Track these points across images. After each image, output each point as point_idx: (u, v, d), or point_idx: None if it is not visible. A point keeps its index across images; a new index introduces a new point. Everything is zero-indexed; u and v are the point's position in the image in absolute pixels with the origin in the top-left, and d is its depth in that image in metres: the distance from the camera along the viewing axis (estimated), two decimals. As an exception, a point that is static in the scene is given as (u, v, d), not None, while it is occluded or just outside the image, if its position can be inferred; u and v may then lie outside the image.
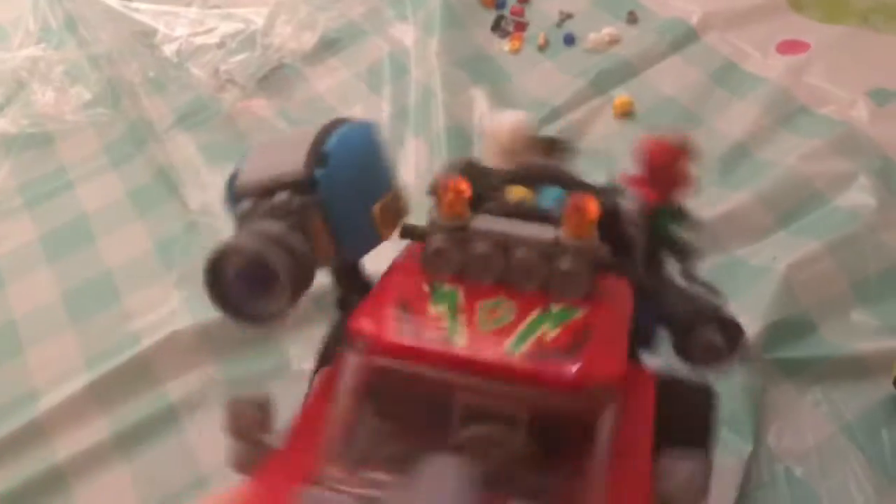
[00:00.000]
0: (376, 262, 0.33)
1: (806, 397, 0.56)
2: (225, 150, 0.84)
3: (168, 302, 0.71)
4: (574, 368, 0.22)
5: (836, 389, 0.56)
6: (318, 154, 0.27)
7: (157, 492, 0.59)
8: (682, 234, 0.37)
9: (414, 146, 0.80)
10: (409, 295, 0.25)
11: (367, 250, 0.31)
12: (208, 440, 0.62)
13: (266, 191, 0.26)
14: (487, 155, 0.42)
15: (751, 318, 0.58)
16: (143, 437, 0.62)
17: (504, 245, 0.25)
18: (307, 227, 0.26)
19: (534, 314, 0.24)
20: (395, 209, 0.30)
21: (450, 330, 0.23)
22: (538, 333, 0.23)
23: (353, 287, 0.33)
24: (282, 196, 0.26)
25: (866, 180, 0.65)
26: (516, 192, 0.32)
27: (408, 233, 0.28)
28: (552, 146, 0.42)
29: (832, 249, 0.61)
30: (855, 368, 0.56)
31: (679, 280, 0.35)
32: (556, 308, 0.25)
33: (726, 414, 0.54)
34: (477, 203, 0.29)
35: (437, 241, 0.25)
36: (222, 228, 0.76)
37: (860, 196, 0.65)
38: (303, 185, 0.26)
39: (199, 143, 0.85)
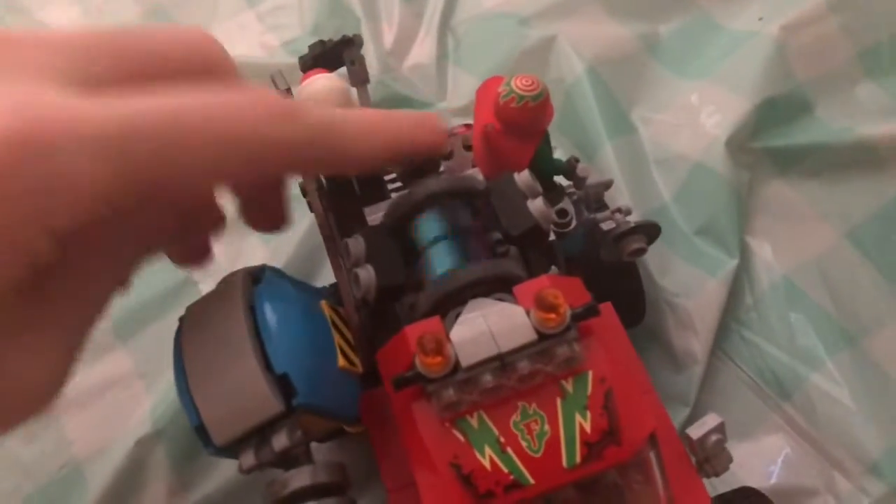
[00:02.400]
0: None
1: (802, 197, 0.43)
2: None
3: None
4: (626, 452, 0.25)
5: (839, 185, 0.43)
6: (279, 379, 0.26)
7: None
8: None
9: None
10: (449, 450, 0.24)
11: (357, 393, 0.29)
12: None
13: (250, 436, 0.26)
14: None
15: (734, 96, 0.45)
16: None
17: (501, 362, 0.25)
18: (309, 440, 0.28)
19: (559, 406, 0.25)
20: (350, 345, 0.30)
21: (512, 471, 0.24)
22: (577, 431, 0.24)
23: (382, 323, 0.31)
24: (280, 440, 0.26)
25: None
26: None
27: (401, 385, 0.25)
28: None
29: (834, 7, 0.47)
30: (862, 158, 0.43)
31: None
32: (568, 385, 0.25)
33: (704, 221, 0.42)
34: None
35: (447, 395, 0.24)
36: (25, 5, 0.57)
37: (871, -64, 0.50)
38: (284, 414, 0.26)
39: None
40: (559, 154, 0.44)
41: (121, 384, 0.42)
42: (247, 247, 0.45)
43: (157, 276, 0.45)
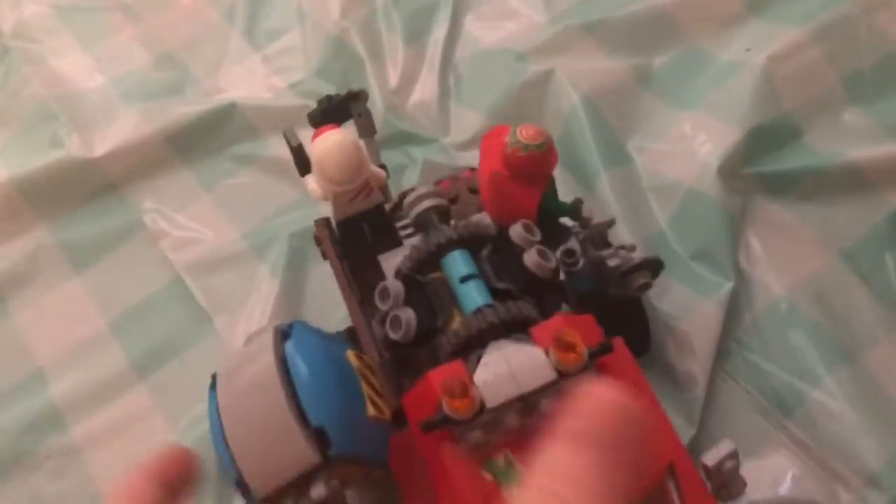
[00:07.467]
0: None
1: (795, 219, 0.45)
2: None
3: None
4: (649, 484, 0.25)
5: (830, 207, 0.45)
6: (315, 432, 0.27)
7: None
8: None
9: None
10: (478, 490, 0.25)
11: (388, 438, 0.29)
12: (43, 323, 0.48)
13: (289, 488, 0.27)
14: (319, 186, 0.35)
15: (725, 125, 0.46)
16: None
17: (524, 402, 0.26)
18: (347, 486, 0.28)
19: None
20: (377, 392, 0.30)
21: None
22: None
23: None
24: (318, 490, 0.27)
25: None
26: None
27: (430, 428, 0.26)
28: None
29: (818, 36, 0.49)
30: (852, 181, 0.45)
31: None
32: None
33: (699, 245, 0.43)
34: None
35: (474, 437, 0.25)
36: (40, 54, 0.59)
37: (850, -32, 0.52)
38: (321, 465, 0.27)
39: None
40: (560, 186, 0.45)
41: (142, 421, 0.43)
42: (259, 279, 0.47)
43: (172, 314, 0.47)
